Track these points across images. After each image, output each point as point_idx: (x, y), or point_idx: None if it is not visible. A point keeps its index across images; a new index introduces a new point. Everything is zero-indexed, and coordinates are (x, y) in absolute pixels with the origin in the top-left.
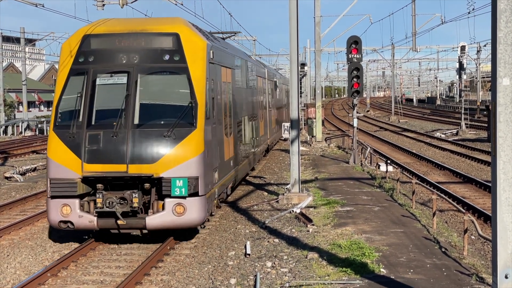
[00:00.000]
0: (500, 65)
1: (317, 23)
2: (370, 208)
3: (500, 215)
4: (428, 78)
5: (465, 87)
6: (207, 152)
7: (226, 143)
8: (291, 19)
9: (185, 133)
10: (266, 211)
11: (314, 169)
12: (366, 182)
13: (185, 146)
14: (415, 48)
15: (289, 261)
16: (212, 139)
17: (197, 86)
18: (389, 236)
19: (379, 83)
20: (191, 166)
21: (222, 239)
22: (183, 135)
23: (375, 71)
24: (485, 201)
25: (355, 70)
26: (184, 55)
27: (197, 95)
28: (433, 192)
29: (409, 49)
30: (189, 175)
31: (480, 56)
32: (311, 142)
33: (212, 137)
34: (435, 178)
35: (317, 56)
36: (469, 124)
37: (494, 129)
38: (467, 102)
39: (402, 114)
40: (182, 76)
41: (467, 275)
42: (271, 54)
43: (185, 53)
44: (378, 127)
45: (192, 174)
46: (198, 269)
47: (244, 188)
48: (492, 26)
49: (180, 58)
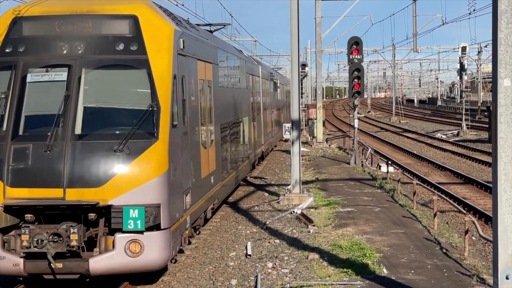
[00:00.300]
0: (501, 66)
1: (318, 23)
2: (371, 209)
3: (500, 216)
4: (429, 79)
5: (466, 88)
6: (174, 170)
7: (203, 156)
8: (292, 20)
9: (143, 146)
10: (267, 212)
11: (315, 169)
12: (367, 183)
13: (142, 163)
14: (416, 49)
15: (290, 261)
16: (182, 152)
17: (160, 84)
18: (390, 237)
19: (380, 83)
20: (150, 190)
21: (223, 239)
22: (140, 149)
23: (376, 71)
24: (486, 202)
25: (356, 71)
26: (144, 44)
27: (161, 96)
28: (434, 193)
29: (410, 49)
30: (148, 203)
31: (481, 57)
32: (312, 142)
33: (182, 150)
34: (436, 179)
35: (318, 57)
36: (470, 125)
37: (495, 130)
38: (468, 103)
39: (403, 115)
40: (141, 71)
41: (468, 276)
42: (272, 55)
43: (145, 41)
44: (379, 128)
45: (152, 200)
46: (199, 270)
47: (245, 189)
48: (493, 27)
49: (138, 48)
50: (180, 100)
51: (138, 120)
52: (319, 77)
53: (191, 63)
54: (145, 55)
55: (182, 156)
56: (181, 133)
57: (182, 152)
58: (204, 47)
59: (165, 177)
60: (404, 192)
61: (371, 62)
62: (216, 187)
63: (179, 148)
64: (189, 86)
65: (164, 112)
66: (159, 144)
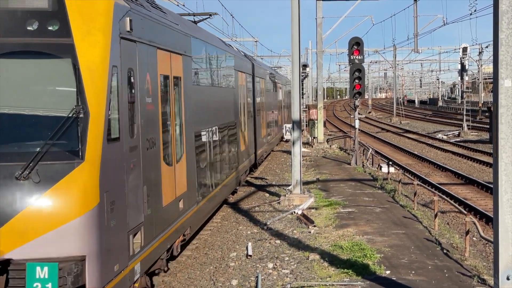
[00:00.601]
0: (502, 67)
1: (319, 24)
2: (371, 210)
3: (501, 216)
4: (430, 80)
5: (467, 88)
6: (111, 203)
7: (167, 175)
8: (293, 21)
9: (60, 170)
10: (267, 212)
11: (315, 170)
12: (367, 183)
13: (58, 196)
14: (417, 50)
15: (290, 262)
16: (128, 176)
17: (90, 79)
18: (390, 237)
19: (381, 84)
20: (69, 237)
21: (224, 240)
22: (56, 174)
23: (377, 72)
24: (486, 202)
25: (357, 71)
26: (68, 22)
27: (90, 97)
28: (435, 194)
29: (411, 50)
30: (65, 255)
31: (482, 57)
32: (312, 143)
33: (128, 173)
34: (437, 180)
35: (319, 57)
36: (471, 126)
37: (496, 130)
38: (469, 103)
39: (403, 116)
40: (62, 61)
41: (468, 276)
42: (273, 55)
43: (70, 18)
44: (380, 129)
45: (72, 252)
46: (199, 270)
47: (246, 189)
48: (494, 27)
49: (60, 28)
50: (124, 103)
51: (55, 131)
52: (320, 77)
53: (146, 52)
54: (70, 38)
55: (128, 181)
56: (125, 149)
57: (127, 176)
58: (170, 33)
59: (94, 215)
60: (405, 192)
61: (372, 62)
62: (187, 214)
63: (122, 171)
64: (141, 83)
65: (95, 119)
66: (86, 166)
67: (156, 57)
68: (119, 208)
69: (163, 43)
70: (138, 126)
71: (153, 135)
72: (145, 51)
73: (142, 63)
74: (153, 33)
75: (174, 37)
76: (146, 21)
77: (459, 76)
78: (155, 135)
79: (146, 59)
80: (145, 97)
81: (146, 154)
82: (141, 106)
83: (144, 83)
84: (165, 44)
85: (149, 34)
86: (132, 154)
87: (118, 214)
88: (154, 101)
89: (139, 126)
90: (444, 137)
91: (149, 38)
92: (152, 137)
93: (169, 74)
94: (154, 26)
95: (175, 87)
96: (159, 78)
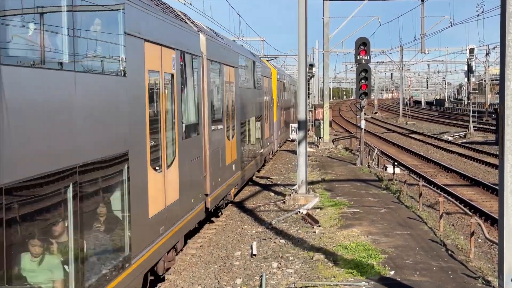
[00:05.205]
0: (508, 68)
1: (326, 24)
2: (376, 210)
3: (507, 218)
4: (436, 80)
5: (473, 89)
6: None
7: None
8: (299, 20)
9: None
10: (272, 212)
11: (321, 170)
12: (373, 184)
13: None
14: (423, 50)
15: (295, 262)
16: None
17: None
18: (395, 238)
19: (387, 84)
20: None
21: (229, 239)
22: None
23: (383, 72)
24: (492, 204)
25: (363, 72)
26: None
27: None
28: (440, 195)
29: (418, 51)
30: None
31: (489, 58)
32: (318, 143)
33: None
34: (442, 181)
35: (325, 57)
36: (477, 127)
37: (502, 132)
38: (476, 104)
39: (410, 116)
40: None
41: (473, 278)
42: (279, 55)
43: None
44: (386, 129)
45: None
46: (204, 269)
47: (251, 189)
48: (501, 29)
49: None
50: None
51: None
52: (326, 77)
53: (219, 67)
54: None
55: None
56: None
57: None
58: (228, 53)
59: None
60: (410, 193)
61: (378, 63)
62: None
63: None
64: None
65: None
66: None
67: (223, 71)
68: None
69: (226, 61)
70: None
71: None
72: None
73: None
74: (221, 55)
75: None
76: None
77: (466, 77)
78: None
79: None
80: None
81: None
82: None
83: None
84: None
85: (217, 56)
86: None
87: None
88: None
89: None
90: (450, 138)
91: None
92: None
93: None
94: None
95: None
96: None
